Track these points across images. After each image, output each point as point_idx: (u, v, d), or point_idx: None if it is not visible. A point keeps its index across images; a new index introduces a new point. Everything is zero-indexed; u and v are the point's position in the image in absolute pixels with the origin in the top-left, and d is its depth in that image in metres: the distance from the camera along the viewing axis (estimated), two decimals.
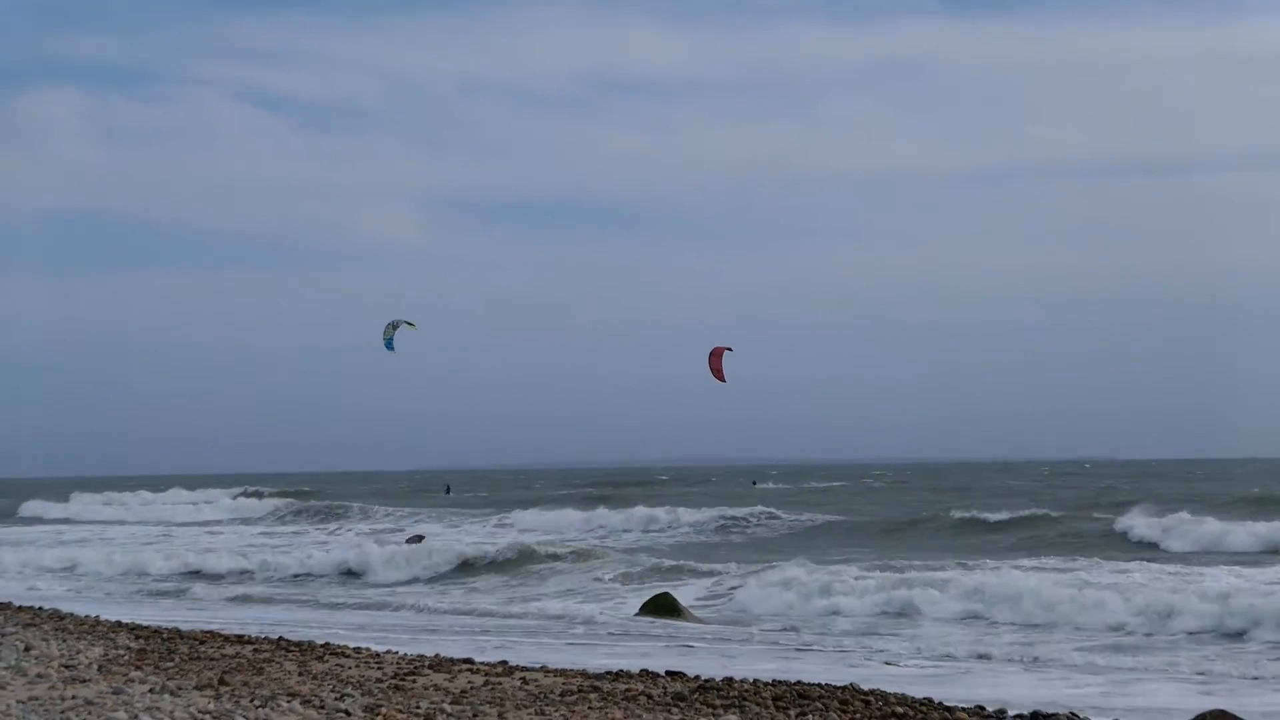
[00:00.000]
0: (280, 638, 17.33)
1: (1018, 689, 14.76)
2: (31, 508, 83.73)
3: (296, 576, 33.79)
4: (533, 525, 52.08)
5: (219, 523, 64.81)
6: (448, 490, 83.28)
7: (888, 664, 17.05)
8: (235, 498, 78.09)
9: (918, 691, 13.02)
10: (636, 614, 23.24)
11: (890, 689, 13.08)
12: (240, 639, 17.14)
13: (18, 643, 15.77)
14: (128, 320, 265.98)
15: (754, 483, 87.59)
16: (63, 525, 65.78)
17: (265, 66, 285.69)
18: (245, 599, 28.78)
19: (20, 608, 21.16)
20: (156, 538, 50.93)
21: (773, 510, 51.12)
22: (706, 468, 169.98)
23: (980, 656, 18.27)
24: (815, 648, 19.29)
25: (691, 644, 19.23)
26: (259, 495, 79.34)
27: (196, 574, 34.54)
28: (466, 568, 33.20)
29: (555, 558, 33.22)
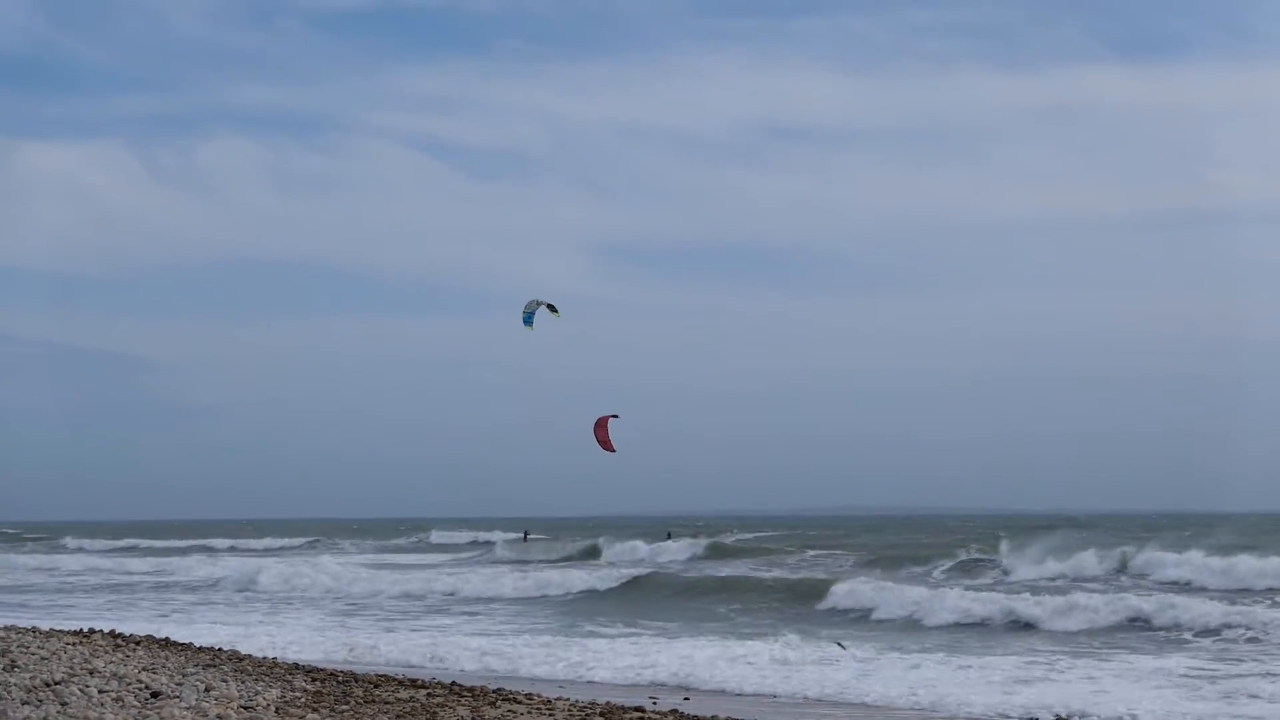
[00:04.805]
0: (453, 683, 17.33)
1: None
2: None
3: None
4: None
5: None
6: (525, 536, 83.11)
7: None
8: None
9: None
10: None
11: None
12: (414, 683, 17.18)
13: (198, 683, 15.96)
14: (302, 367, 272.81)
15: (668, 535, 79.04)
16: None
17: (433, 114, 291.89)
18: None
19: (200, 648, 21.49)
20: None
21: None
22: (833, 517, 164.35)
23: None
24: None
25: None
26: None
27: None
28: None
29: None
